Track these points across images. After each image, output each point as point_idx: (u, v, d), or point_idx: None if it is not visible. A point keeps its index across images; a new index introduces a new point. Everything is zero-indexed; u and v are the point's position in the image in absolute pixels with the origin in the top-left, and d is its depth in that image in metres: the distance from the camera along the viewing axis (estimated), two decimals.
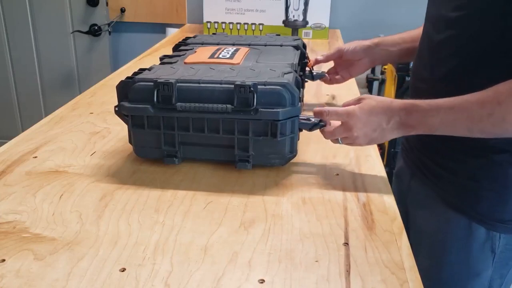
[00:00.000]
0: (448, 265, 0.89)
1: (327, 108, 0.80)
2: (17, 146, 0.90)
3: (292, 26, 1.95)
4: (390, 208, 0.72)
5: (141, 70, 0.83)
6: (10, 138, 0.94)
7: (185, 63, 0.88)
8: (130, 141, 0.83)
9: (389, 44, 1.06)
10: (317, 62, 1.12)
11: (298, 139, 0.82)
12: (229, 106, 0.75)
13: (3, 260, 0.58)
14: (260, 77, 0.77)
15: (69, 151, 0.89)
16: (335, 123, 0.80)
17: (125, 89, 0.78)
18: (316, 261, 0.59)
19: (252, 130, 0.77)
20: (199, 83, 0.76)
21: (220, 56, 0.90)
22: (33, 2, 2.35)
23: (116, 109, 0.80)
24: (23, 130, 0.99)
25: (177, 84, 0.76)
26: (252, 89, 0.73)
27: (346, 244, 0.63)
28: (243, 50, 0.95)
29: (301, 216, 0.69)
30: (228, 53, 0.92)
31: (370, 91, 2.21)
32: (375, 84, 2.22)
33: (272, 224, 0.67)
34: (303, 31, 1.96)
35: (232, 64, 0.86)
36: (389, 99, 0.77)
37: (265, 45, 1.01)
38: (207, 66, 0.85)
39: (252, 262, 0.59)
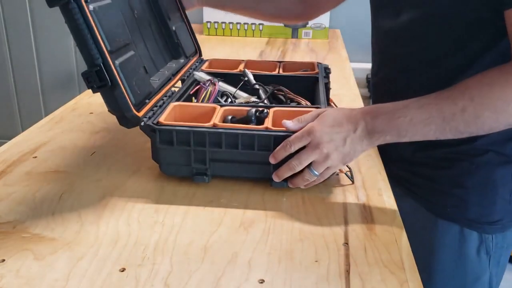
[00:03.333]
0: (443, 276, 0.87)
1: (287, 140, 0.71)
2: (17, 146, 0.90)
3: (292, 26, 1.95)
4: (390, 208, 0.72)
5: None
6: (10, 138, 0.94)
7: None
8: (154, 158, 0.78)
9: None
10: None
11: None
12: None
13: (3, 260, 0.58)
14: None
15: (69, 151, 0.89)
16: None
17: None
18: (316, 261, 0.59)
19: None
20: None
21: None
22: (33, 2, 2.35)
23: (142, 124, 0.74)
24: (23, 130, 0.99)
25: None
26: None
27: (346, 244, 0.63)
28: None
29: (301, 216, 0.69)
30: None
31: (370, 91, 2.21)
32: None
33: (272, 224, 0.67)
34: (303, 31, 1.96)
35: None
36: (348, 108, 0.73)
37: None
38: None
39: (252, 262, 0.59)
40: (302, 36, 1.96)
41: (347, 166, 0.80)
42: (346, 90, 1.25)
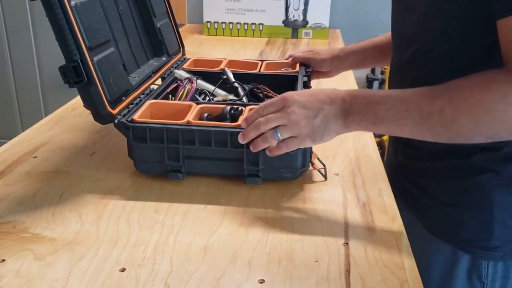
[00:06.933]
0: None
1: (260, 104, 0.71)
2: (17, 146, 0.90)
3: (292, 26, 1.95)
4: (390, 208, 0.72)
5: None
6: (10, 138, 0.94)
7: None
8: (129, 155, 0.78)
9: (352, 53, 1.03)
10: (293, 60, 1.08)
11: (312, 152, 0.78)
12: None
13: (3, 260, 0.58)
14: None
15: (69, 151, 0.89)
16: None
17: None
18: (316, 261, 0.59)
19: None
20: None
21: None
22: (33, 2, 2.35)
23: (116, 121, 0.75)
24: (23, 130, 0.99)
25: None
26: None
27: (346, 244, 0.63)
28: None
29: (301, 216, 0.69)
30: None
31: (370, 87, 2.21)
32: (375, 84, 2.22)
33: (272, 224, 0.67)
34: (303, 31, 1.96)
35: None
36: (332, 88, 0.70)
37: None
38: None
39: (252, 262, 0.59)
40: (302, 36, 1.96)
41: (321, 162, 0.80)
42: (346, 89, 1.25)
